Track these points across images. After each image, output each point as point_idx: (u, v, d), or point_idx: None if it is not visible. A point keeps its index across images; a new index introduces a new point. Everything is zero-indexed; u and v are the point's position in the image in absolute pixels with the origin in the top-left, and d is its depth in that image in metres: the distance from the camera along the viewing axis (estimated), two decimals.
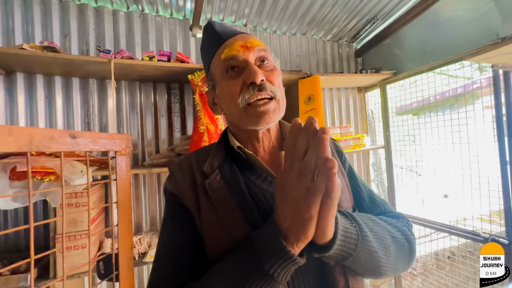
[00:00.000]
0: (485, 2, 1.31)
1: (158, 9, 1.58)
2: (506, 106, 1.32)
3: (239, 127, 0.52)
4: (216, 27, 0.53)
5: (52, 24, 1.39)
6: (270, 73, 0.50)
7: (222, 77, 0.50)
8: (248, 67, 0.48)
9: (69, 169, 0.99)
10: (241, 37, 0.51)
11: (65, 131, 0.33)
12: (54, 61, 1.18)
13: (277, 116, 0.49)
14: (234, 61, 0.48)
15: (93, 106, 1.45)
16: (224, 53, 0.49)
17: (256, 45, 0.49)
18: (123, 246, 0.42)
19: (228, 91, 0.49)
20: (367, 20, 1.88)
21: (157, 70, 1.35)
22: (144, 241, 1.33)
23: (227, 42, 0.50)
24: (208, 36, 0.54)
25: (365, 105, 2.18)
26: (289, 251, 0.34)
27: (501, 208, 1.39)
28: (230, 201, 0.46)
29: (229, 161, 0.51)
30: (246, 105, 0.47)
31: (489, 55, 1.20)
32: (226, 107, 0.52)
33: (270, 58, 0.52)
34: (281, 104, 0.50)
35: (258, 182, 0.50)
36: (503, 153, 1.35)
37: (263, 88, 0.47)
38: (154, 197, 1.54)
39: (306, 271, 0.46)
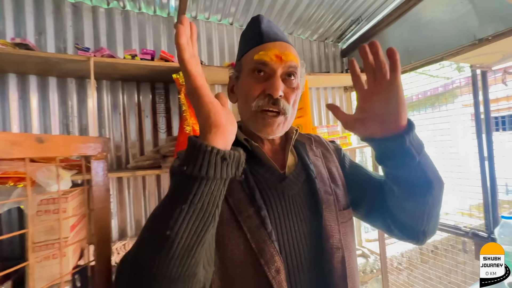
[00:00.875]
0: (463, 5, 1.35)
1: (140, 6, 1.53)
2: (483, 105, 1.38)
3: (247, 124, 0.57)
4: (263, 24, 0.55)
5: (26, 20, 1.31)
6: (290, 90, 0.52)
7: (248, 74, 0.53)
8: (273, 78, 0.50)
9: (45, 174, 0.93)
10: (280, 46, 0.52)
11: (30, 135, 0.30)
12: (28, 59, 1.11)
13: (280, 131, 0.53)
14: (264, 66, 0.51)
15: (72, 107, 1.38)
16: (259, 55, 0.51)
17: (290, 60, 0.51)
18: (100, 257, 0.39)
19: (247, 90, 0.52)
20: (352, 21, 1.91)
21: (140, 69, 1.30)
22: (128, 247, 1.28)
23: (265, 45, 0.52)
24: (252, 30, 0.56)
25: (351, 104, 2.21)
26: (204, 145, 0.32)
27: (480, 202, 1.46)
28: (236, 182, 0.49)
29: None
30: (257, 111, 0.51)
31: (467, 56, 1.24)
32: (240, 102, 0.56)
33: (297, 75, 0.54)
34: (288, 120, 0.53)
35: (261, 171, 0.53)
36: (481, 150, 1.41)
37: (277, 103, 0.50)
38: (139, 200, 1.49)
39: (304, 260, 0.48)
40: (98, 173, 0.41)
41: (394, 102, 0.42)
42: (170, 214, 0.31)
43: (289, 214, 0.50)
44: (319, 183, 0.55)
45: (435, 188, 0.46)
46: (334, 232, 0.50)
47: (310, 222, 0.51)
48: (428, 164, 0.46)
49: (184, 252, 0.32)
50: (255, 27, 0.55)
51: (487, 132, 1.37)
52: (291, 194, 0.52)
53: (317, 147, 0.64)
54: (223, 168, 0.33)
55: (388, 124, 0.43)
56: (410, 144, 0.42)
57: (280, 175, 0.53)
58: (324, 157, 0.62)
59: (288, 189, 0.52)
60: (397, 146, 0.43)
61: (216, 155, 0.32)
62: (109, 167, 1.43)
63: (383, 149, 0.45)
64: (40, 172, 0.90)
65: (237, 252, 0.45)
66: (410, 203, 0.49)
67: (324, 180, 0.56)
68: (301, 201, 0.52)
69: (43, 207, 1.05)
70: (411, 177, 0.45)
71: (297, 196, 0.52)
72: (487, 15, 1.26)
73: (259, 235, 0.45)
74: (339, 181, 0.59)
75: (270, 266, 0.44)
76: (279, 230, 0.48)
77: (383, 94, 0.42)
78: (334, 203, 0.54)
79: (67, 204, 1.07)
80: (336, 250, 0.49)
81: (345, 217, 0.54)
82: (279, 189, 0.52)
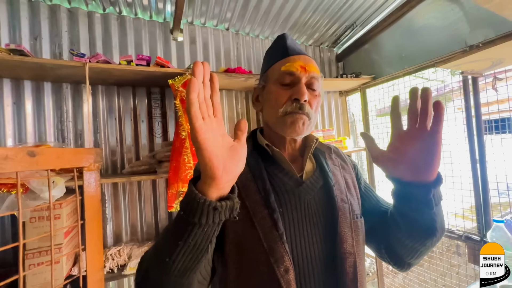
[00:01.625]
0: (454, 12, 1.38)
1: (136, 12, 1.54)
2: (474, 109, 1.41)
3: (271, 129, 0.61)
4: (288, 40, 0.62)
5: (21, 25, 1.30)
6: (313, 97, 0.58)
7: (274, 83, 0.59)
8: (299, 85, 0.56)
9: (39, 181, 0.93)
10: (304, 59, 0.59)
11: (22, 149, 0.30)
12: (22, 65, 1.11)
13: (305, 130, 0.57)
14: (290, 75, 0.57)
15: (67, 112, 1.37)
16: (285, 66, 0.57)
17: (312, 71, 0.58)
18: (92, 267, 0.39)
19: (275, 97, 0.57)
20: (346, 26, 1.94)
21: (136, 74, 1.30)
22: (123, 253, 1.27)
23: (291, 57, 0.59)
24: (278, 45, 0.63)
25: (347, 108, 2.23)
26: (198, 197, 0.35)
27: (473, 205, 1.47)
28: (253, 185, 0.53)
29: (255, 154, 0.59)
30: (284, 114, 0.56)
31: (458, 62, 1.27)
32: (267, 108, 0.61)
33: (319, 84, 0.60)
34: (312, 123, 0.59)
35: (280, 175, 0.57)
36: (473, 153, 1.43)
37: (303, 108, 0.55)
38: (134, 206, 1.48)
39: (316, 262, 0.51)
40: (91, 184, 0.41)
41: (431, 154, 0.44)
42: (170, 244, 0.38)
43: (303, 217, 0.53)
44: (337, 190, 0.58)
45: (436, 235, 0.51)
46: (348, 238, 0.53)
47: (325, 227, 0.54)
48: (439, 214, 0.50)
49: (179, 274, 0.38)
50: (282, 42, 0.62)
51: (478, 136, 1.40)
52: (307, 198, 0.55)
53: (336, 157, 0.67)
54: (215, 216, 0.36)
55: (420, 172, 0.46)
56: (432, 196, 0.46)
57: (298, 180, 0.57)
58: (342, 168, 0.66)
59: (305, 193, 0.56)
60: (421, 194, 0.46)
61: (208, 206, 0.35)
62: (104, 172, 1.42)
63: (406, 192, 0.48)
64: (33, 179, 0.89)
65: (251, 250, 0.49)
66: (409, 240, 0.54)
67: (341, 188, 0.59)
68: (317, 206, 0.55)
69: (37, 214, 1.05)
70: (421, 221, 0.49)
71: (313, 201, 0.56)
72: (478, 22, 1.29)
73: (271, 236, 0.49)
74: (353, 192, 0.62)
75: (280, 265, 0.47)
76: (292, 232, 0.51)
77: (421, 142, 0.44)
78: (349, 211, 0.56)
79: (61, 210, 1.07)
80: (348, 255, 0.52)
81: (357, 226, 0.57)
82: (296, 193, 0.55)
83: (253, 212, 0.51)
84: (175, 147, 1.26)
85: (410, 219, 0.50)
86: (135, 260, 1.23)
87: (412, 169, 0.46)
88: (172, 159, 1.26)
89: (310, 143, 0.63)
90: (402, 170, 0.48)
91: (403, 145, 0.47)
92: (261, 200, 0.52)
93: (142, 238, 1.48)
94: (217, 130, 0.37)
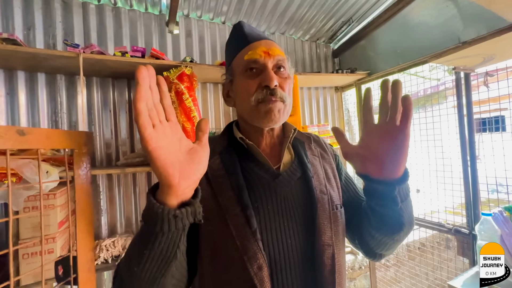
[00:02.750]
0: (449, 9, 1.39)
1: (132, 3, 1.52)
2: (466, 106, 1.43)
3: (246, 122, 0.59)
4: (245, 28, 0.59)
5: (14, 15, 1.29)
6: (283, 80, 0.56)
7: (241, 74, 0.56)
8: (266, 71, 0.54)
9: (32, 170, 0.93)
10: (265, 43, 0.56)
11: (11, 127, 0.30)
12: (15, 55, 1.10)
13: (282, 117, 0.55)
14: (255, 63, 0.54)
15: (61, 103, 1.37)
16: (248, 54, 0.55)
17: (277, 54, 0.55)
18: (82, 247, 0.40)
19: (245, 88, 0.55)
20: (343, 22, 1.94)
21: (131, 66, 1.30)
22: (118, 244, 1.28)
23: (252, 45, 0.56)
24: (236, 34, 0.60)
25: (342, 104, 2.25)
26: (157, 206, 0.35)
27: (463, 201, 1.50)
28: (226, 181, 0.52)
29: (230, 149, 0.58)
30: (257, 103, 0.53)
31: (450, 58, 1.28)
32: (239, 102, 0.58)
33: (286, 66, 0.58)
34: (287, 108, 0.56)
35: (255, 169, 0.55)
36: (464, 150, 1.45)
37: (275, 93, 0.53)
38: (129, 198, 1.49)
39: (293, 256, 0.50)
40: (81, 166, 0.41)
41: (398, 151, 0.43)
42: (137, 254, 0.38)
43: (279, 211, 0.52)
44: (315, 181, 0.57)
45: (404, 230, 0.51)
46: (326, 230, 0.52)
47: (303, 220, 0.53)
48: (407, 210, 0.51)
49: (150, 281, 0.39)
50: (239, 32, 0.59)
51: (470, 133, 1.42)
52: (283, 191, 0.54)
53: (316, 147, 0.66)
54: (177, 223, 0.35)
55: (386, 169, 0.45)
56: (398, 193, 0.46)
57: (274, 173, 0.55)
58: (322, 157, 0.64)
59: (281, 186, 0.54)
60: (386, 191, 0.46)
61: (168, 214, 0.35)
62: (99, 164, 1.42)
63: (372, 188, 0.48)
64: (27, 168, 0.90)
65: (225, 248, 0.48)
66: (378, 234, 0.54)
67: (320, 179, 0.58)
68: (294, 199, 0.54)
69: (31, 204, 1.05)
70: (388, 216, 0.50)
71: (290, 194, 0.54)
72: (471, 18, 1.30)
73: (244, 233, 0.48)
74: (333, 182, 0.61)
75: (253, 263, 0.46)
76: (268, 227, 0.50)
77: (390, 137, 0.43)
78: (328, 202, 0.56)
79: (55, 200, 1.07)
80: (327, 247, 0.51)
81: (337, 217, 0.56)
82: (272, 187, 0.54)
83: (226, 209, 0.50)
84: None
85: (378, 214, 0.51)
86: None
87: (379, 165, 0.45)
88: None
89: (288, 133, 0.61)
90: (369, 166, 0.47)
91: (372, 141, 0.46)
92: (234, 196, 0.51)
93: (136, 230, 1.49)
94: (172, 135, 0.36)
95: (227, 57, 0.64)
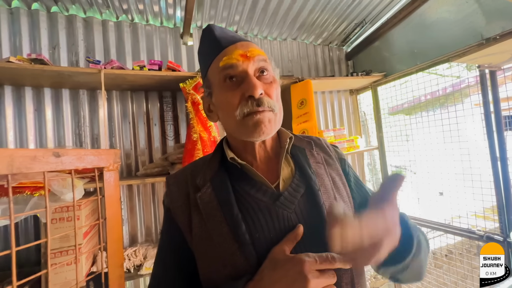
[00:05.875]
0: (469, 4, 1.34)
1: (148, 18, 1.58)
2: (493, 104, 1.35)
3: (234, 137, 0.52)
4: (216, 31, 0.50)
5: (40, 35, 1.37)
6: (269, 85, 0.48)
7: (220, 86, 0.48)
8: (247, 78, 0.46)
9: (59, 183, 0.97)
10: (241, 45, 0.48)
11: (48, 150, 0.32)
12: (43, 74, 1.16)
13: (273, 128, 0.48)
14: (233, 70, 0.46)
15: (84, 117, 1.43)
16: (223, 61, 0.47)
17: (256, 54, 0.47)
18: (113, 264, 0.41)
19: (226, 102, 0.47)
20: (356, 24, 1.91)
21: (148, 79, 1.34)
22: (139, 253, 1.30)
23: (227, 49, 0.48)
24: (207, 40, 0.52)
25: (358, 107, 2.20)
26: None
27: (494, 205, 1.41)
28: (219, 214, 0.45)
29: (222, 173, 0.50)
30: (243, 117, 0.46)
31: (474, 56, 1.22)
32: (223, 116, 0.51)
33: (270, 68, 0.50)
34: (278, 116, 0.49)
35: (252, 192, 0.48)
36: (493, 150, 1.37)
37: (261, 103, 0.45)
38: (148, 207, 1.52)
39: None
40: (110, 183, 0.43)
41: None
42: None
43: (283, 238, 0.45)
44: (323, 195, 0.49)
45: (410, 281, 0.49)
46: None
47: (313, 242, 0.45)
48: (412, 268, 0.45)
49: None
50: (210, 36, 0.51)
51: (498, 132, 1.34)
52: (287, 214, 0.47)
53: (319, 152, 0.57)
54: None
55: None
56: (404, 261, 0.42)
57: (274, 194, 0.48)
58: (327, 164, 0.56)
59: (283, 208, 0.47)
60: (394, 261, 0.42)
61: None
62: (119, 174, 1.47)
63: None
64: (54, 182, 0.93)
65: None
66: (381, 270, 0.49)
67: (328, 191, 0.51)
68: (299, 220, 0.47)
69: (58, 215, 1.09)
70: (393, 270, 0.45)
71: (294, 215, 0.47)
72: (494, 13, 1.24)
73: (244, 274, 0.42)
74: (343, 192, 0.53)
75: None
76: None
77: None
78: None
79: (80, 211, 1.11)
80: (343, 272, 0.44)
81: None
82: (273, 211, 0.46)
83: (221, 249, 0.43)
84: (187, 149, 1.29)
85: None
86: (151, 260, 1.26)
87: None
88: (184, 160, 1.28)
89: (284, 143, 0.52)
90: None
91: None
92: (229, 232, 0.44)
93: (156, 239, 1.51)
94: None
95: (201, 67, 0.56)
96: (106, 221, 0.44)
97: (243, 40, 0.51)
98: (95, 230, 1.31)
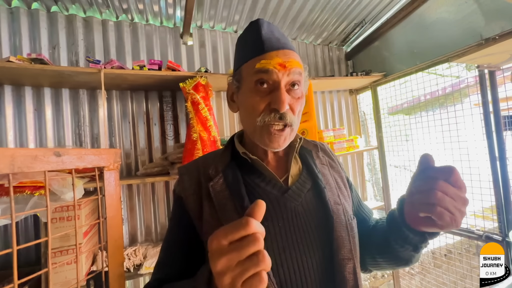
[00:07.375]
0: (468, 4, 1.34)
1: (148, 18, 1.58)
2: (492, 104, 1.35)
3: (249, 137, 0.55)
4: (263, 31, 0.51)
5: (40, 35, 1.37)
6: (295, 101, 0.50)
7: (250, 86, 0.50)
8: (278, 91, 0.47)
9: (59, 182, 0.97)
10: (283, 54, 0.49)
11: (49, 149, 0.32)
12: (43, 73, 1.17)
13: (286, 143, 0.51)
14: (267, 75, 0.48)
15: (84, 117, 1.43)
16: (260, 63, 0.48)
17: (294, 66, 0.48)
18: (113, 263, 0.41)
19: (251, 106, 0.49)
20: (355, 24, 1.92)
21: (148, 78, 1.34)
22: (139, 252, 1.31)
23: (267, 54, 0.49)
24: (252, 36, 0.52)
25: (357, 107, 2.20)
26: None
27: (493, 204, 1.41)
28: (230, 203, 0.48)
29: (233, 165, 0.54)
30: (263, 125, 0.49)
31: (474, 56, 1.23)
32: (244, 115, 0.53)
33: (302, 82, 0.51)
34: (294, 131, 0.52)
35: (262, 184, 0.52)
36: (492, 150, 1.37)
37: (283, 117, 0.48)
38: (148, 207, 1.52)
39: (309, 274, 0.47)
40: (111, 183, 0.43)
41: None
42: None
43: (291, 227, 0.49)
44: (328, 192, 0.53)
45: (407, 265, 0.54)
46: (345, 243, 0.49)
47: (317, 234, 0.50)
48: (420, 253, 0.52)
49: None
50: (256, 34, 0.51)
51: (498, 132, 1.34)
52: (294, 206, 0.51)
53: (323, 155, 0.63)
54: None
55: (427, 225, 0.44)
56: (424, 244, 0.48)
57: (282, 188, 0.52)
58: (330, 166, 0.61)
59: (291, 201, 0.51)
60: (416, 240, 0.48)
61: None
62: (119, 174, 1.47)
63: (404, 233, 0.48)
64: (54, 181, 0.94)
65: None
66: (381, 260, 0.55)
67: (333, 189, 0.55)
68: (305, 213, 0.51)
69: (58, 215, 1.09)
70: (401, 255, 0.51)
71: (301, 208, 0.51)
72: (493, 14, 1.24)
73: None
74: (345, 192, 0.58)
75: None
76: (279, 247, 0.47)
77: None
78: (343, 213, 0.52)
79: (80, 211, 1.11)
80: (347, 261, 0.48)
81: (353, 228, 0.53)
82: (281, 203, 0.50)
83: None
84: (187, 148, 1.29)
85: (393, 249, 0.51)
86: (150, 259, 1.26)
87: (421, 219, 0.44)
88: (184, 160, 1.28)
89: (294, 142, 0.56)
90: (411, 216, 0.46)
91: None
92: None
93: (156, 238, 1.51)
94: None
95: (236, 56, 0.56)
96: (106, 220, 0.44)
97: (287, 47, 0.51)
98: (95, 230, 1.31)
